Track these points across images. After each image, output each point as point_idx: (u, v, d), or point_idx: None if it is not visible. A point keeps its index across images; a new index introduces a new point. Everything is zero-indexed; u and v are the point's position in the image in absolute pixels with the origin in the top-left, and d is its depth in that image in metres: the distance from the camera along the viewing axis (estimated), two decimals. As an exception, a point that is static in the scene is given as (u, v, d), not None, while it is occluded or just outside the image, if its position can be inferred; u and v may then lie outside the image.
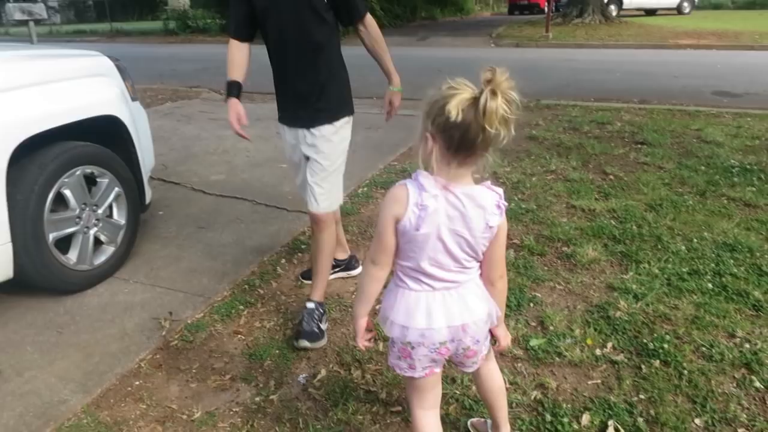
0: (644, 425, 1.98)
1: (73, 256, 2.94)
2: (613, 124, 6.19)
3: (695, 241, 3.32)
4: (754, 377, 2.20)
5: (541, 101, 7.39)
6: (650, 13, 24.18)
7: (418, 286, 1.47)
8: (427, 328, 1.46)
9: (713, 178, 4.36)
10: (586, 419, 2.02)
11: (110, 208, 3.17)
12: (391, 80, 2.64)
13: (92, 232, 3.04)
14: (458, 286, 1.48)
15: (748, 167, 4.57)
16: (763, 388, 2.15)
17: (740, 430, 1.98)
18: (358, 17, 2.50)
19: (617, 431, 1.97)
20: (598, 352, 2.38)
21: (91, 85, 3.14)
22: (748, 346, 2.38)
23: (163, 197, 4.32)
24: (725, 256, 3.13)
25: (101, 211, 3.09)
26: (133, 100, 3.45)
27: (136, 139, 3.34)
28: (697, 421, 2.01)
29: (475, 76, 1.32)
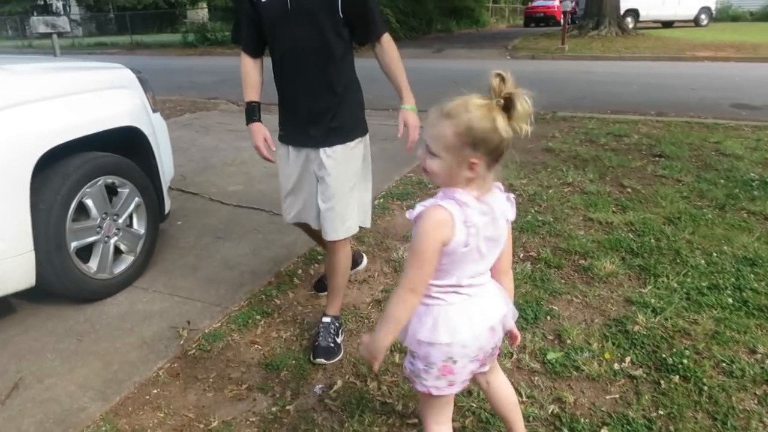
0: (664, 441, 1.96)
1: (93, 264, 2.98)
2: (630, 136, 6.15)
3: (715, 255, 3.28)
4: (776, 394, 2.17)
5: (557, 113, 7.38)
6: (667, 25, 24.07)
7: (457, 298, 1.47)
8: (472, 336, 1.47)
9: (733, 191, 4.32)
10: (604, 434, 2.01)
11: (130, 217, 3.22)
12: (403, 99, 2.41)
13: (112, 241, 3.09)
14: (484, 285, 1.51)
15: (768, 181, 4.53)
16: (785, 405, 2.12)
17: (762, 447, 1.95)
18: (375, 36, 2.38)
19: (636, 447, 1.95)
20: (616, 366, 2.36)
21: (113, 96, 3.20)
22: (769, 362, 2.35)
23: (181, 207, 4.36)
24: (745, 270, 3.09)
25: (122, 220, 3.13)
26: (153, 111, 3.50)
27: (156, 149, 3.39)
28: (717, 437, 1.98)
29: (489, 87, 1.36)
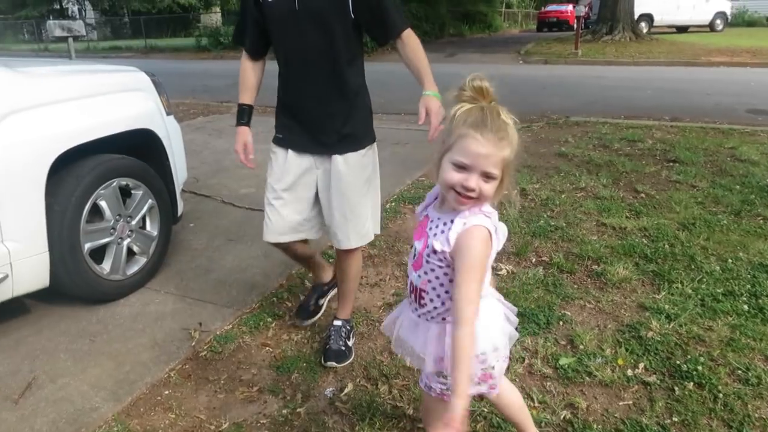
0: (678, 449, 1.94)
1: (106, 266, 3.00)
2: (644, 141, 6.11)
3: (730, 261, 3.24)
4: (793, 402, 2.14)
5: (570, 118, 7.35)
6: (682, 30, 23.91)
7: (482, 303, 1.45)
8: (501, 334, 1.53)
9: (748, 197, 4.27)
10: (617, 441, 1.99)
11: (143, 219, 3.24)
12: (425, 85, 2.18)
13: (126, 242, 3.10)
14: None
15: (784, 187, 4.47)
16: (802, 414, 2.09)
17: (779, 457, 1.92)
18: (395, 34, 2.22)
19: (650, 454, 1.93)
20: (629, 372, 2.34)
21: (127, 99, 3.22)
22: (786, 370, 2.31)
23: (194, 210, 4.39)
24: (761, 277, 3.05)
25: (135, 222, 3.15)
26: (167, 114, 3.52)
27: (170, 152, 3.41)
28: (733, 446, 1.96)
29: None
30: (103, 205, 2.95)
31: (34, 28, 33.76)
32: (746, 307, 2.77)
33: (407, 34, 2.23)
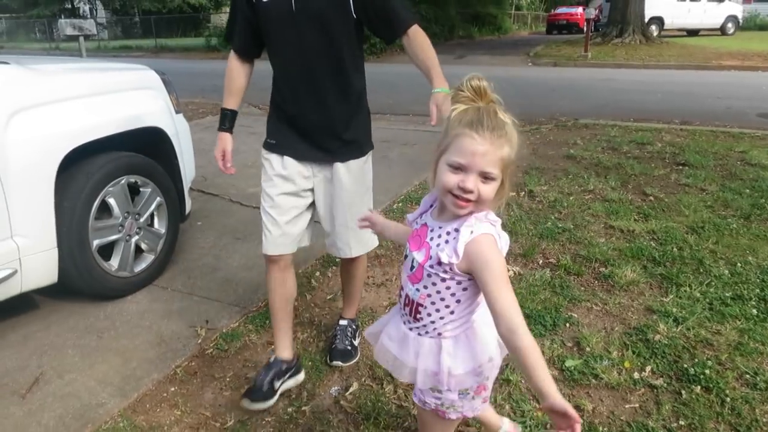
0: (684, 453, 1.92)
1: (114, 262, 3.01)
2: (653, 144, 6.08)
3: (739, 265, 3.22)
4: (801, 408, 2.12)
5: (579, 120, 7.32)
6: (692, 33, 23.78)
7: (477, 311, 1.44)
8: (495, 342, 1.45)
9: (758, 201, 4.24)
10: (623, 444, 1.98)
11: (152, 217, 3.26)
12: (434, 82, 2.01)
13: (134, 240, 3.12)
14: None
15: (795, 191, 4.43)
16: (811, 419, 2.07)
17: (787, 462, 1.90)
18: (402, 31, 2.08)
19: (656, 458, 1.91)
20: (636, 375, 2.32)
21: (137, 97, 3.24)
22: (795, 375, 2.30)
23: (202, 208, 4.40)
24: (771, 281, 3.03)
25: (143, 219, 3.17)
26: (176, 113, 3.54)
27: (178, 150, 3.43)
28: (740, 450, 1.94)
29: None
30: (111, 202, 2.97)
31: (45, 27, 34.04)
32: (755, 311, 2.75)
33: (414, 30, 2.10)
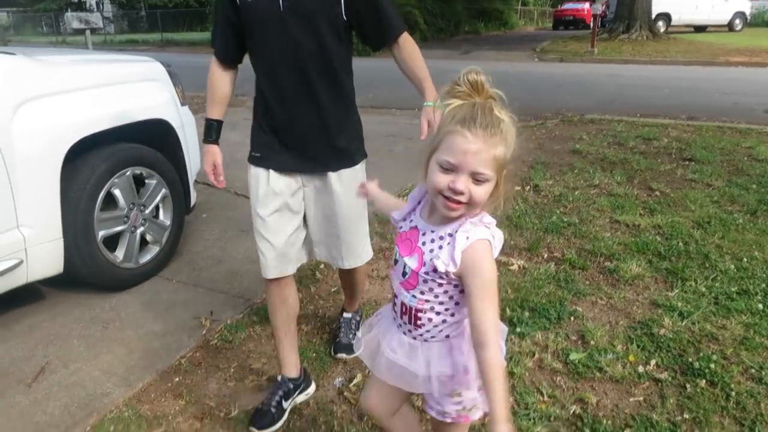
0: (688, 446, 1.92)
1: (120, 254, 3.02)
2: (659, 139, 6.05)
3: (745, 260, 3.20)
4: (807, 402, 2.11)
5: (584, 116, 7.29)
6: (700, 29, 23.61)
7: None
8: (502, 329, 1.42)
9: (765, 197, 4.21)
10: (627, 437, 1.97)
11: (157, 209, 3.26)
12: (426, 95, 2.01)
13: (139, 231, 3.13)
14: None
15: (802, 187, 4.41)
16: (816, 414, 2.06)
17: (791, 456, 1.90)
18: (392, 38, 2.03)
19: (660, 451, 1.91)
20: (640, 369, 2.32)
21: (143, 89, 3.24)
22: (800, 369, 2.29)
23: (207, 201, 4.41)
24: (777, 276, 3.02)
25: (148, 211, 3.18)
26: (182, 105, 3.54)
27: (184, 143, 3.43)
28: (745, 444, 1.94)
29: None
30: (117, 193, 2.97)
31: (52, 20, 34.07)
32: (761, 306, 2.73)
33: (404, 37, 2.04)
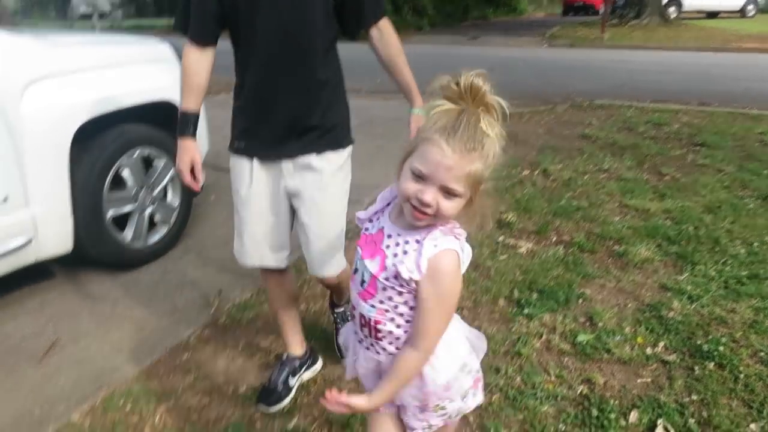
0: (696, 426, 1.92)
1: (128, 234, 3.03)
2: (670, 125, 6.00)
3: (756, 245, 3.18)
4: (816, 385, 2.10)
5: (594, 101, 7.23)
6: (712, 15, 23.31)
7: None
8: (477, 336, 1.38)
9: (777, 182, 4.18)
10: (634, 417, 1.97)
11: (165, 189, 3.27)
12: (413, 101, 1.93)
13: (147, 211, 3.14)
14: None
15: (815, 172, 4.36)
16: (826, 396, 2.05)
17: (800, 437, 1.89)
18: (374, 20, 1.87)
19: (667, 430, 1.91)
20: (648, 351, 2.31)
21: (151, 70, 3.23)
22: (810, 352, 2.27)
23: (215, 183, 4.39)
24: (788, 261, 2.99)
25: (156, 192, 3.18)
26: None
27: (192, 123, 3.41)
28: (752, 426, 1.93)
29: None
30: (125, 173, 2.98)
31: (60, 5, 34.04)
32: (771, 290, 2.72)
33: (385, 22, 1.89)
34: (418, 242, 1.14)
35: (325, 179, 1.86)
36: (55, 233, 2.69)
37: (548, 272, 2.93)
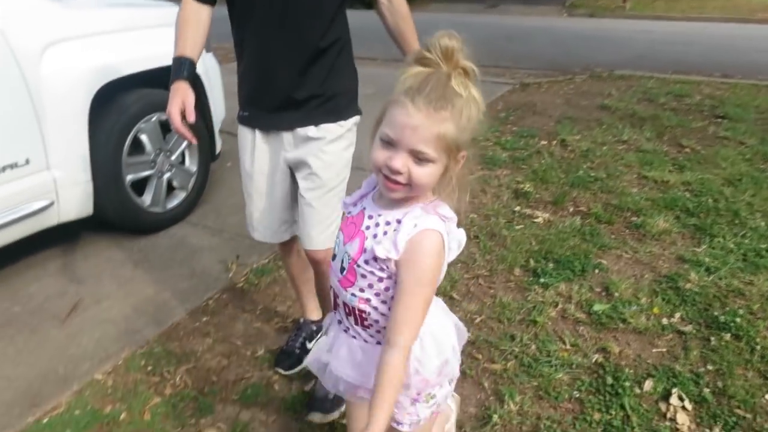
0: (710, 396, 1.93)
1: (147, 198, 3.06)
2: (691, 96, 5.88)
3: (776, 218, 3.15)
4: (833, 357, 2.10)
5: (614, 72, 7.09)
6: (738, -16, 22.67)
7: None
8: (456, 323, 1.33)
9: (800, 155, 4.11)
10: (648, 385, 1.98)
11: (183, 155, 3.28)
12: None
13: (165, 177, 3.16)
14: None
15: (839, 146, 4.28)
16: (843, 369, 2.05)
17: (815, 408, 1.89)
18: None
19: (681, 399, 1.92)
20: (664, 321, 2.31)
21: (168, 34, 3.20)
22: (829, 326, 2.26)
23: (232, 150, 4.36)
24: (809, 234, 2.96)
25: (174, 157, 3.20)
26: (207, 51, 3.51)
27: (208, 89, 3.41)
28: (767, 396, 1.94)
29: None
30: (144, 138, 2.99)
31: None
32: (790, 263, 2.70)
33: None
34: (398, 221, 1.08)
35: (323, 146, 1.79)
36: (75, 196, 2.72)
37: (564, 242, 2.92)
